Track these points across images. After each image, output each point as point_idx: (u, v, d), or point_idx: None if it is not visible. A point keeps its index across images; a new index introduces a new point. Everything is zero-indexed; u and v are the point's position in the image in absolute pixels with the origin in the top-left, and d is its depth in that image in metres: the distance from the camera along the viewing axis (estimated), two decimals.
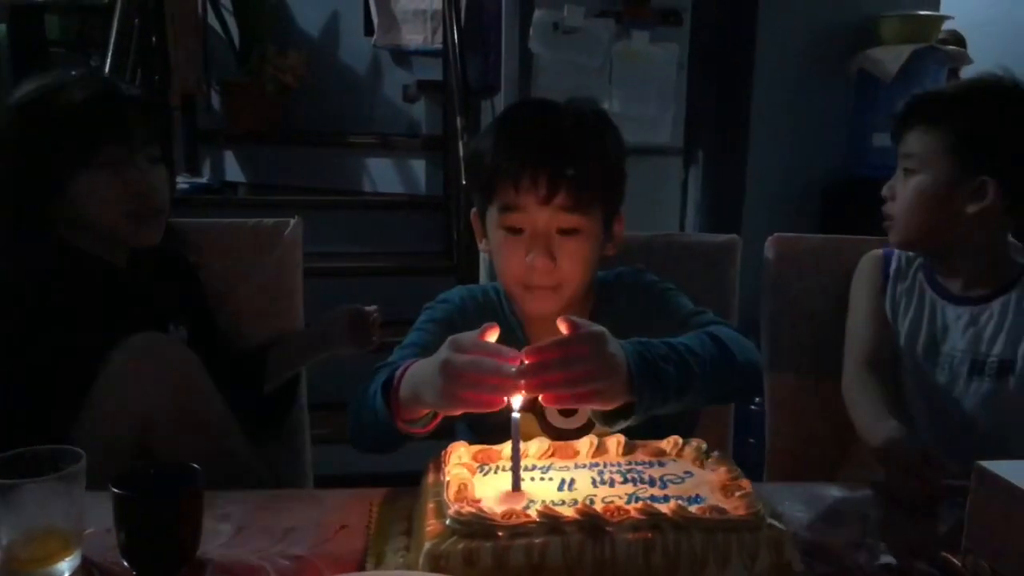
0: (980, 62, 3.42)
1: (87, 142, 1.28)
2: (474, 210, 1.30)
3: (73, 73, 1.36)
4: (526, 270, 1.19)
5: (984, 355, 1.38)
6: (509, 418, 0.95)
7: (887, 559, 0.95)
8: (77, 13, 4.22)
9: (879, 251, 1.53)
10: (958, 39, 3.79)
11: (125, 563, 0.89)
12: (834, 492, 1.14)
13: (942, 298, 1.43)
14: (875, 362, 1.44)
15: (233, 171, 3.83)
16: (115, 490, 0.87)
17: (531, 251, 1.18)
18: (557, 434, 1.17)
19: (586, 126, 1.21)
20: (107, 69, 2.74)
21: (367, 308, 1.53)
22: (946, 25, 3.45)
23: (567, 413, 1.23)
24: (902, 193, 1.39)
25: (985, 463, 0.87)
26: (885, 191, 1.42)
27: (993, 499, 0.86)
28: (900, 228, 1.41)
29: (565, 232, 1.18)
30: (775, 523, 0.86)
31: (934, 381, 1.42)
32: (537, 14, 3.04)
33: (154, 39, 3.25)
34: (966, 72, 3.50)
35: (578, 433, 1.12)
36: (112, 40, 2.82)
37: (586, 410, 1.20)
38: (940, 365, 1.41)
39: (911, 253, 1.49)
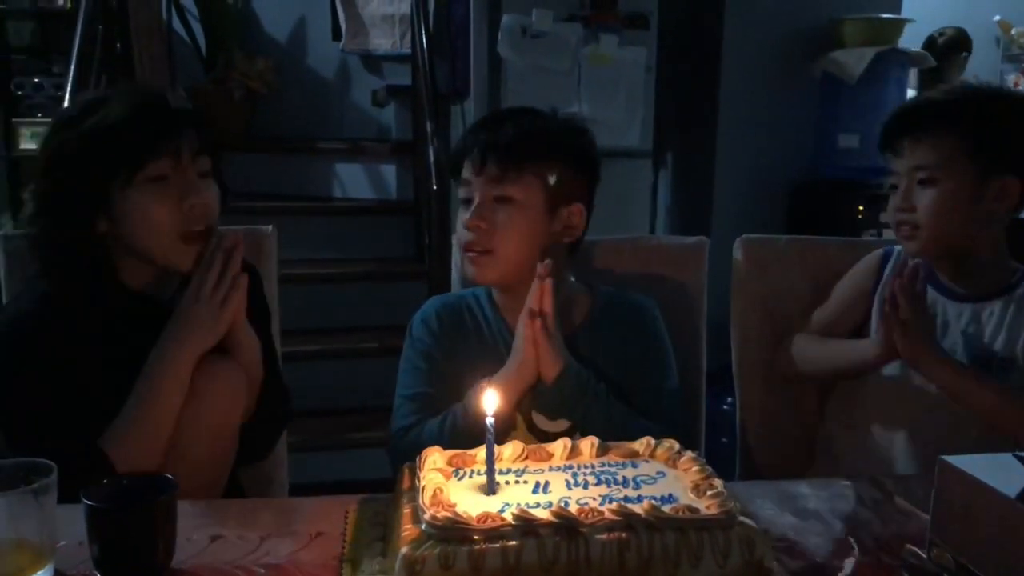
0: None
1: (128, 158, 1.18)
2: None
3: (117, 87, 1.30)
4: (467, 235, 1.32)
5: (986, 352, 1.37)
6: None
7: (856, 554, 0.96)
8: (39, 20, 4.16)
9: (880, 251, 1.52)
10: (964, 39, 3.84)
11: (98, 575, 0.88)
12: (804, 490, 1.15)
13: (943, 295, 1.43)
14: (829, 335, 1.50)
15: None
16: (87, 502, 0.86)
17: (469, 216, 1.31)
18: (543, 436, 1.26)
19: (533, 115, 1.36)
20: (70, 76, 2.70)
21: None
22: (908, 28, 3.51)
23: (552, 416, 1.31)
24: (925, 203, 1.35)
25: (947, 457, 0.89)
26: (900, 203, 1.38)
27: (956, 492, 0.88)
28: (928, 236, 1.37)
29: (500, 200, 1.30)
30: (747, 521, 0.87)
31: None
32: (505, 19, 3.05)
33: (118, 45, 3.20)
34: (967, 74, 3.59)
35: (562, 435, 1.13)
36: (76, 47, 2.78)
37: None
38: None
39: None
